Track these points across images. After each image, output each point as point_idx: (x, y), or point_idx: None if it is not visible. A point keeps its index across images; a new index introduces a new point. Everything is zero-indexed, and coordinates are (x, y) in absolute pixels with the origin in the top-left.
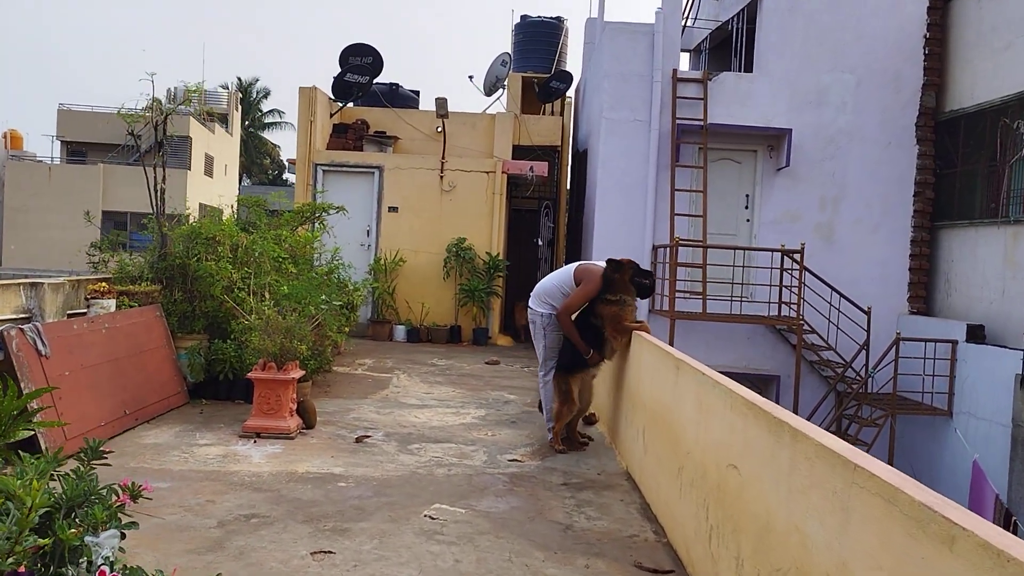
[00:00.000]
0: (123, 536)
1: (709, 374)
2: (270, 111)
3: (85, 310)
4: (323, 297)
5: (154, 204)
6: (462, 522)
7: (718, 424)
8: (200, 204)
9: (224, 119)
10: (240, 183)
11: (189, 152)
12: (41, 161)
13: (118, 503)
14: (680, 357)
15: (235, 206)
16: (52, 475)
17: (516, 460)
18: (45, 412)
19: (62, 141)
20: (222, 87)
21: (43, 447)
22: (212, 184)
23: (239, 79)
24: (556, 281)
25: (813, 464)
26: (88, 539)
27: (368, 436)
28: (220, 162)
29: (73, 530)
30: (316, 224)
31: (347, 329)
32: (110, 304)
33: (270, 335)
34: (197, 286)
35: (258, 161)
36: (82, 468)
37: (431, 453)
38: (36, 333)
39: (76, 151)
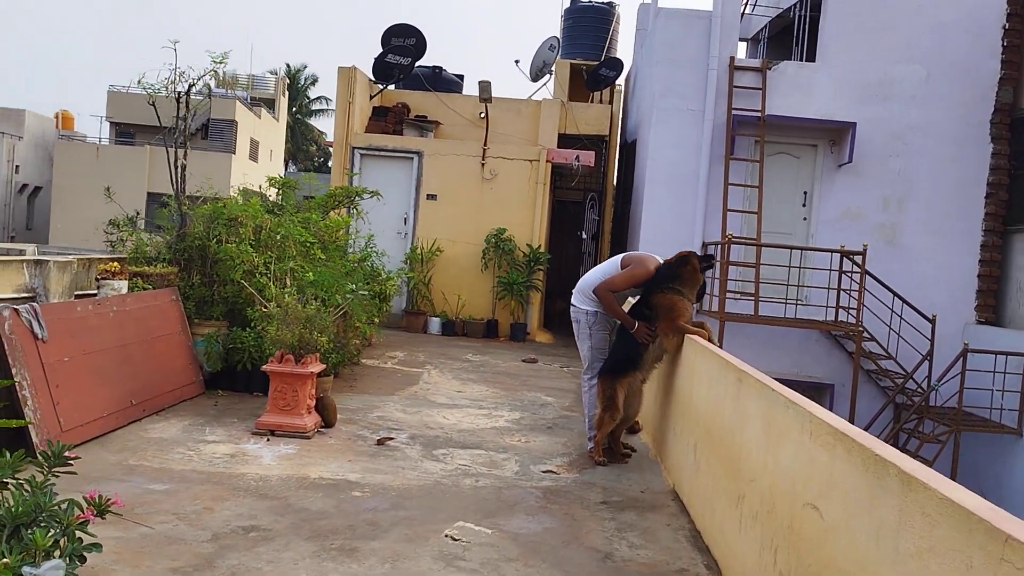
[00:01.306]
0: (82, 561)
1: (780, 391)
2: (317, 98)
3: (95, 291)
4: (350, 286)
5: (174, 181)
6: (487, 545)
7: (792, 452)
8: (240, 188)
9: (271, 104)
10: (286, 169)
11: (234, 136)
12: (89, 141)
13: (80, 519)
14: (743, 368)
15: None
16: (7, 482)
17: (551, 472)
18: (39, 401)
19: (111, 122)
20: (270, 73)
21: (33, 440)
22: (257, 169)
23: (288, 65)
24: (600, 274)
25: (934, 523)
26: (27, 570)
27: (391, 438)
28: (265, 147)
29: (6, 560)
30: (350, 209)
31: (377, 320)
32: (121, 286)
33: (288, 325)
34: (216, 269)
35: (304, 148)
36: (41, 477)
37: (458, 460)
38: (32, 314)
39: (124, 132)
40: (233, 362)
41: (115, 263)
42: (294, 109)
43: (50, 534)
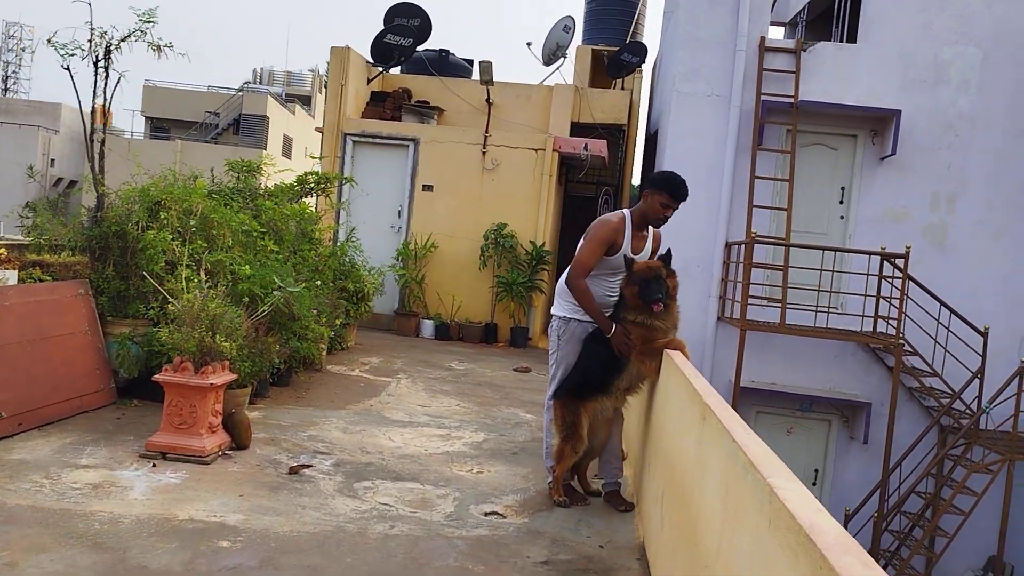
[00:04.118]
0: None
1: (741, 441)
2: None
3: None
4: (277, 281)
5: (90, 155)
6: None
7: (749, 542)
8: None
9: (307, 101)
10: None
11: (266, 132)
12: (122, 135)
13: None
14: (709, 400)
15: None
16: None
17: (494, 514)
18: None
19: (146, 117)
20: (309, 70)
21: None
22: (290, 165)
23: (327, 63)
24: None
25: None
26: None
27: (308, 466)
28: (300, 144)
29: None
30: (321, 197)
31: (348, 324)
32: (8, 276)
33: (189, 326)
34: (136, 260)
35: None
36: None
37: (381, 497)
38: None
39: (159, 127)
40: (155, 366)
41: (2, 250)
42: None
43: None
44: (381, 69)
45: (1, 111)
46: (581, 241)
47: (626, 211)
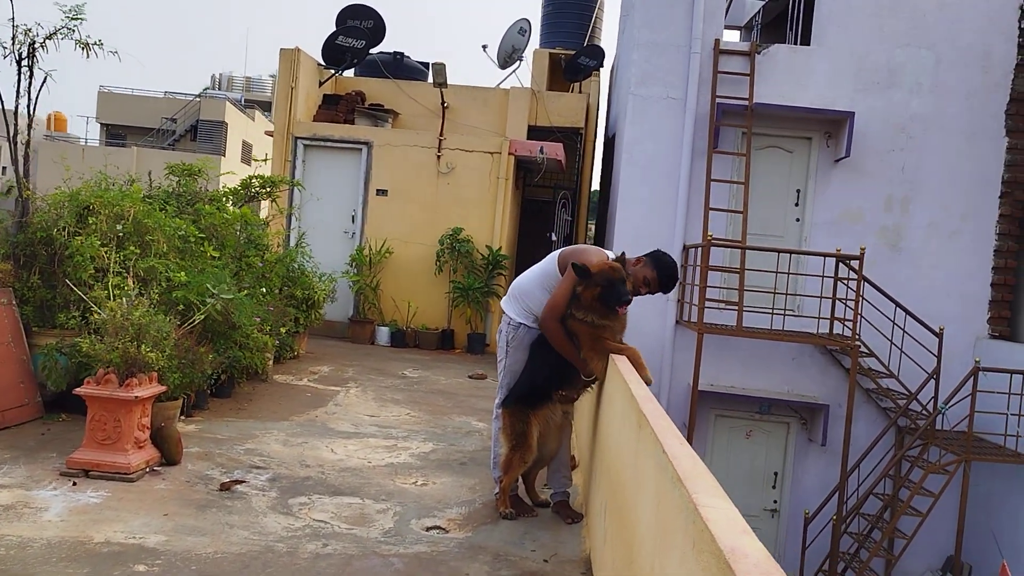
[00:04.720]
0: None
1: (674, 454)
2: None
3: None
4: (210, 288)
5: (13, 157)
6: None
7: (676, 565)
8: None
9: (268, 107)
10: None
11: (224, 138)
12: (75, 142)
13: None
14: (647, 410)
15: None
16: None
17: (436, 528)
18: None
19: (101, 123)
20: (269, 75)
21: None
22: (248, 171)
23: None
24: (538, 274)
25: None
26: None
27: (240, 481)
28: (260, 149)
29: None
30: (272, 202)
31: (296, 332)
32: None
33: (113, 336)
34: (64, 267)
35: None
36: None
37: (316, 514)
38: None
39: (115, 134)
40: (85, 379)
41: None
42: None
43: None
44: (333, 72)
45: None
46: (556, 267)
47: (610, 254)
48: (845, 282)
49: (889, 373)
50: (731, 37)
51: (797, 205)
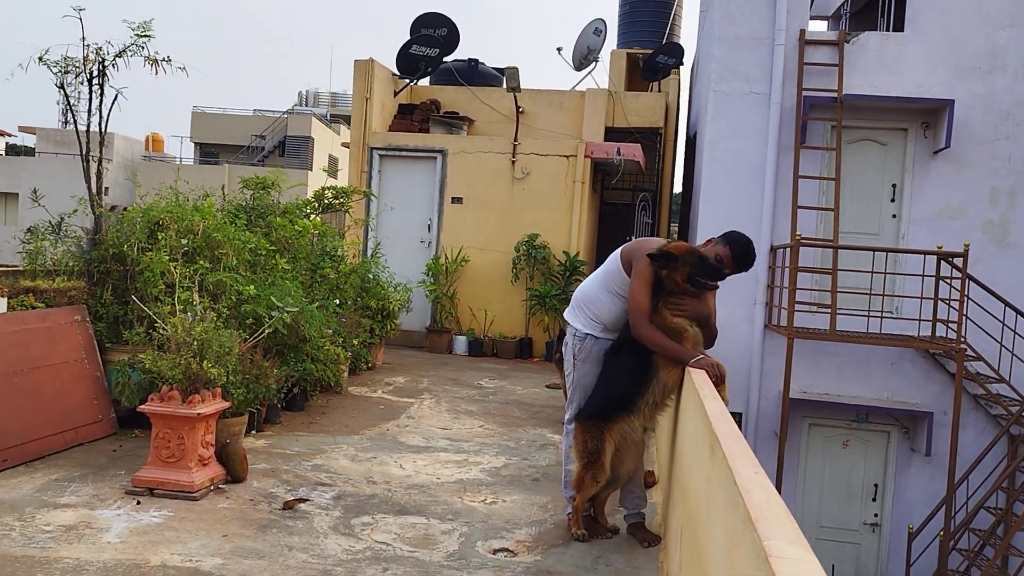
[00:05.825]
0: None
1: (746, 487)
2: None
3: None
4: (275, 301)
5: (87, 177)
6: None
7: None
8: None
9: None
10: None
11: (311, 152)
12: (171, 161)
13: None
14: (720, 432)
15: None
16: None
17: (504, 551)
18: None
19: (195, 143)
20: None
21: None
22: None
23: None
24: (600, 276)
25: None
26: None
27: (304, 500)
28: (345, 162)
29: None
30: (348, 213)
31: (371, 343)
32: None
33: (175, 352)
34: (136, 283)
35: None
36: None
37: (379, 535)
38: None
39: (208, 152)
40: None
41: None
42: None
43: None
44: (408, 81)
45: (58, 143)
46: (620, 266)
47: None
48: (948, 281)
49: (999, 378)
50: (816, 27)
51: (893, 201)
